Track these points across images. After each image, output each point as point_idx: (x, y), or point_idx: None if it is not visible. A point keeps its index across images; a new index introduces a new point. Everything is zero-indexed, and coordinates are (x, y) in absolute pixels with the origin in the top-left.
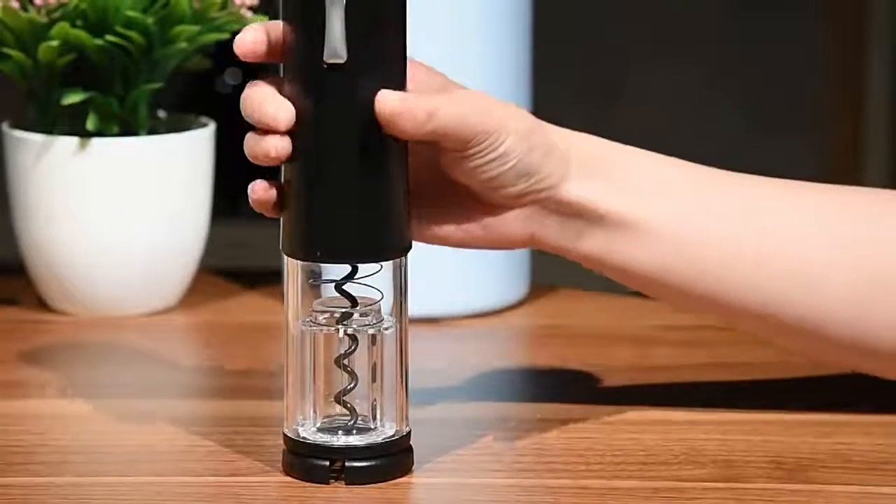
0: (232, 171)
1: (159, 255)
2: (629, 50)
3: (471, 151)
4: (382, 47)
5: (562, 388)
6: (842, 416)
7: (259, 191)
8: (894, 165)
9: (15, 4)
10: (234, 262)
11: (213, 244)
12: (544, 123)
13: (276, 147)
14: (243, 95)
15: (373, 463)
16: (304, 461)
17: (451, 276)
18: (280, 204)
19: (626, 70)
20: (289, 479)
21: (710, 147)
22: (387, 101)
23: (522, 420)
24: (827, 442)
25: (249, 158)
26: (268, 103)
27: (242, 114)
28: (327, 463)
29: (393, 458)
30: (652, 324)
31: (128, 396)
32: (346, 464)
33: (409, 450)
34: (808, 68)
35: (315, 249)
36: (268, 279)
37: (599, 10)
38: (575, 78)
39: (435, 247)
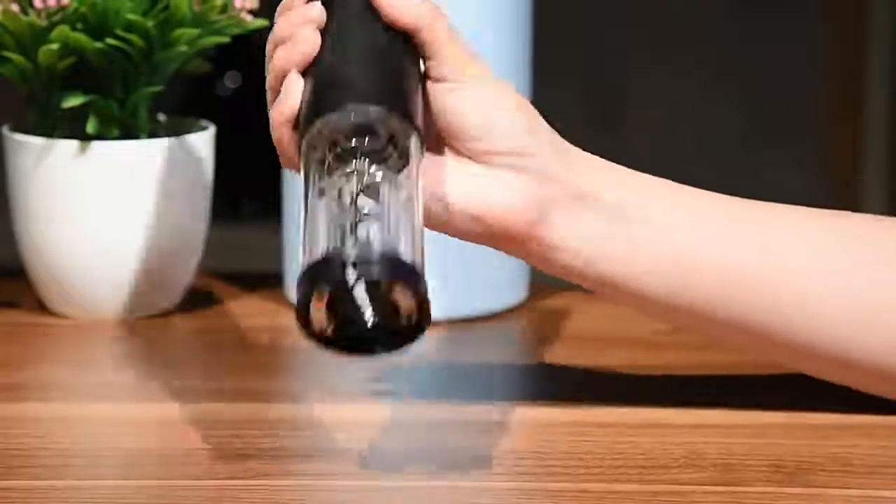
0: (232, 174)
1: (159, 257)
2: (629, 52)
3: (441, 73)
4: None
5: (562, 390)
6: (842, 420)
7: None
8: (894, 165)
9: (15, 8)
10: (234, 266)
11: (213, 247)
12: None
13: (309, 40)
14: (274, 28)
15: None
16: (316, 270)
17: (451, 280)
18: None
19: (626, 72)
20: (289, 481)
21: (709, 147)
22: None
23: (523, 423)
24: (827, 445)
25: (275, 72)
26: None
27: (275, 33)
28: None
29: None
30: (652, 327)
31: (128, 399)
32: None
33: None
34: (808, 68)
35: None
36: (268, 282)
37: (599, 12)
38: (576, 80)
39: (435, 250)
